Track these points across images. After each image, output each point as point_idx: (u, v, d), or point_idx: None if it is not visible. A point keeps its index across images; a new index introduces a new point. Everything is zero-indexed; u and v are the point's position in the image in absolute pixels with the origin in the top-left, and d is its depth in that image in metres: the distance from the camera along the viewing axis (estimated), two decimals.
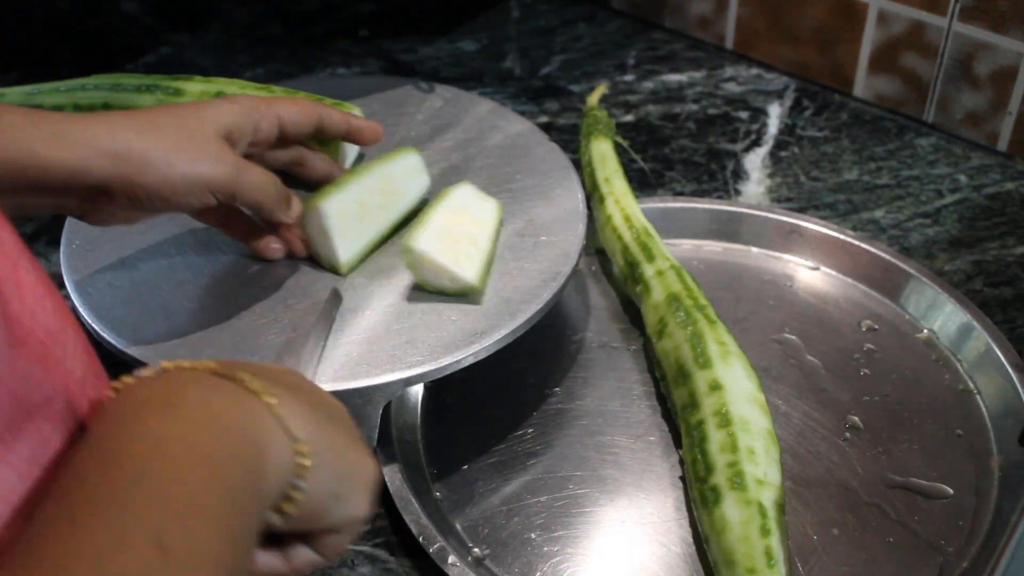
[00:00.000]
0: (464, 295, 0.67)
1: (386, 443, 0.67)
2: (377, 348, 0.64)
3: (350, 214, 0.68)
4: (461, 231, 0.68)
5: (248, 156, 0.64)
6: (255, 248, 0.69)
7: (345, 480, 0.43)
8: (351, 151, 0.78)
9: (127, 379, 0.39)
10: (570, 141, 0.96)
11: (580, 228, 0.73)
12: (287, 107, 0.67)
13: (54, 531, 0.32)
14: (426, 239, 0.66)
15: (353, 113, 0.73)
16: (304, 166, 0.72)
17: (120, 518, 0.32)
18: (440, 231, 0.67)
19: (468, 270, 0.66)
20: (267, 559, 0.44)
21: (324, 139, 0.73)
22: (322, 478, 0.41)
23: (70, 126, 0.55)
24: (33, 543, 0.32)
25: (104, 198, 0.57)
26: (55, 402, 0.38)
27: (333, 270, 0.69)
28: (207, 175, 0.58)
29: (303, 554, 0.45)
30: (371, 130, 0.72)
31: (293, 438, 0.40)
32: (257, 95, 0.66)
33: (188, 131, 0.58)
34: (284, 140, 0.68)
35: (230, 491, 0.35)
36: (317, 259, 0.69)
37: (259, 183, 0.61)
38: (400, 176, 0.72)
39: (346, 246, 0.68)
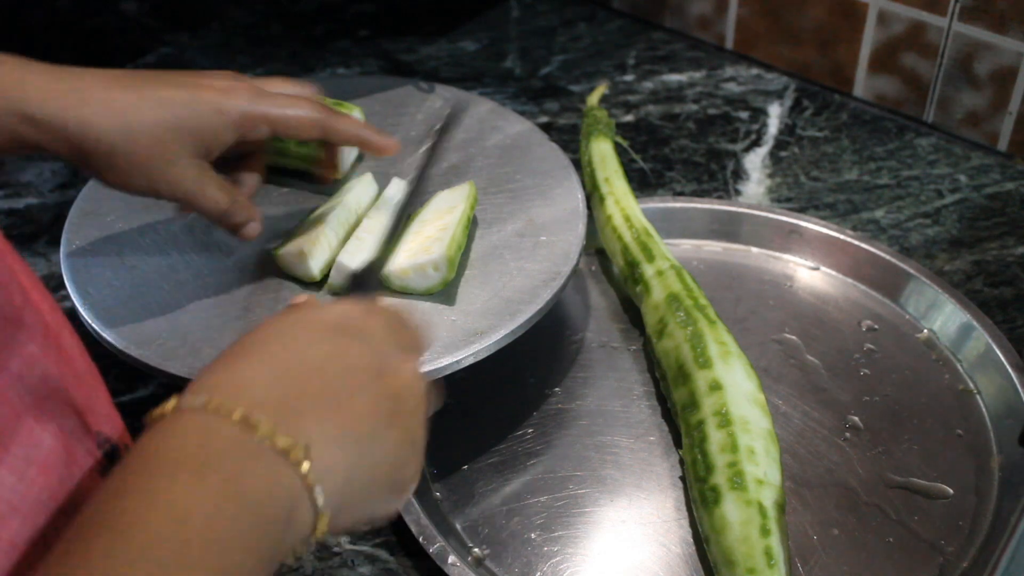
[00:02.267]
0: (451, 275, 0.68)
1: None
2: None
3: (319, 245, 0.69)
4: (426, 234, 0.70)
5: (247, 153, 0.66)
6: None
7: (368, 514, 0.44)
8: (349, 153, 0.78)
9: (167, 409, 0.38)
10: (570, 141, 0.96)
11: (580, 228, 0.73)
12: (286, 121, 0.64)
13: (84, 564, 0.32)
14: (393, 262, 0.68)
15: (361, 121, 0.70)
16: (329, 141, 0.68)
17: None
18: (404, 250, 0.69)
19: (438, 249, 0.67)
20: None
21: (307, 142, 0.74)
22: (341, 524, 0.41)
23: (44, 109, 0.56)
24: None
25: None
26: (51, 400, 0.38)
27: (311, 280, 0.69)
28: (161, 191, 0.61)
29: None
30: (382, 143, 0.68)
31: (317, 509, 0.39)
32: (263, 94, 0.64)
33: (161, 146, 0.59)
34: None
35: (245, 568, 0.35)
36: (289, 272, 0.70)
37: (208, 206, 0.63)
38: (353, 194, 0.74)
39: (318, 265, 0.69)
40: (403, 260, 0.68)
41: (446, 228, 0.70)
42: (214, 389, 0.39)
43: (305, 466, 0.38)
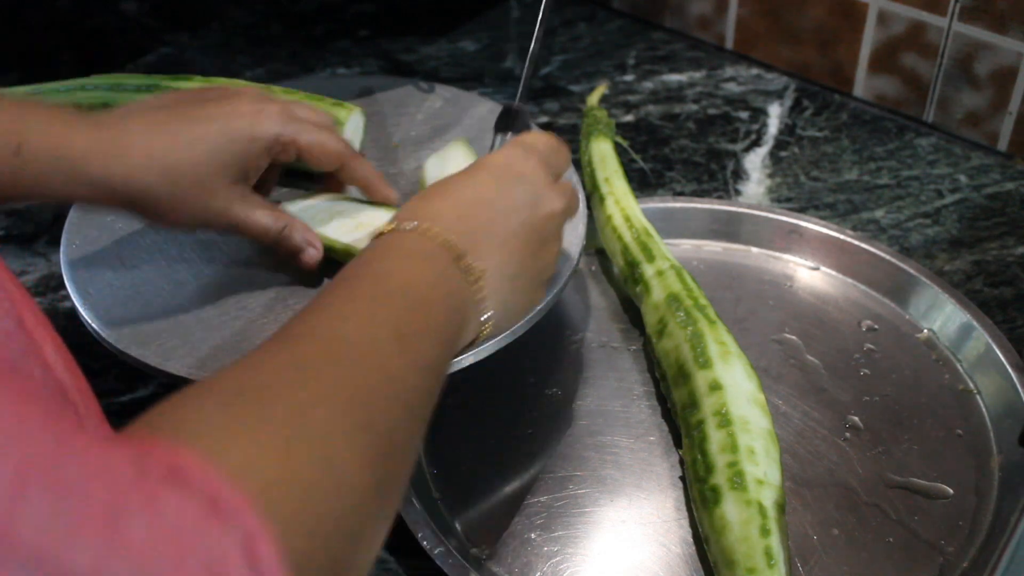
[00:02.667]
0: None
1: None
2: None
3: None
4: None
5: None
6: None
7: (508, 325, 0.61)
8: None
9: (387, 229, 0.55)
10: (570, 141, 0.96)
11: (580, 228, 0.73)
12: (312, 148, 0.66)
13: (329, 303, 0.48)
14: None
15: (372, 166, 0.71)
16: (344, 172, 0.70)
17: (378, 311, 0.48)
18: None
19: None
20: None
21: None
22: (491, 332, 0.59)
23: (89, 165, 0.57)
24: (316, 308, 0.48)
25: None
26: (68, 409, 0.38)
27: None
28: (209, 222, 0.63)
29: None
30: (387, 193, 0.71)
31: (481, 324, 0.57)
32: (293, 117, 0.65)
33: (202, 182, 0.61)
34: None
35: (443, 329, 0.51)
36: None
37: (258, 231, 0.65)
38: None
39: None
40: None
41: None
42: (420, 216, 0.55)
43: (480, 285, 0.55)
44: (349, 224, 0.69)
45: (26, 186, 0.57)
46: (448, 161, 0.76)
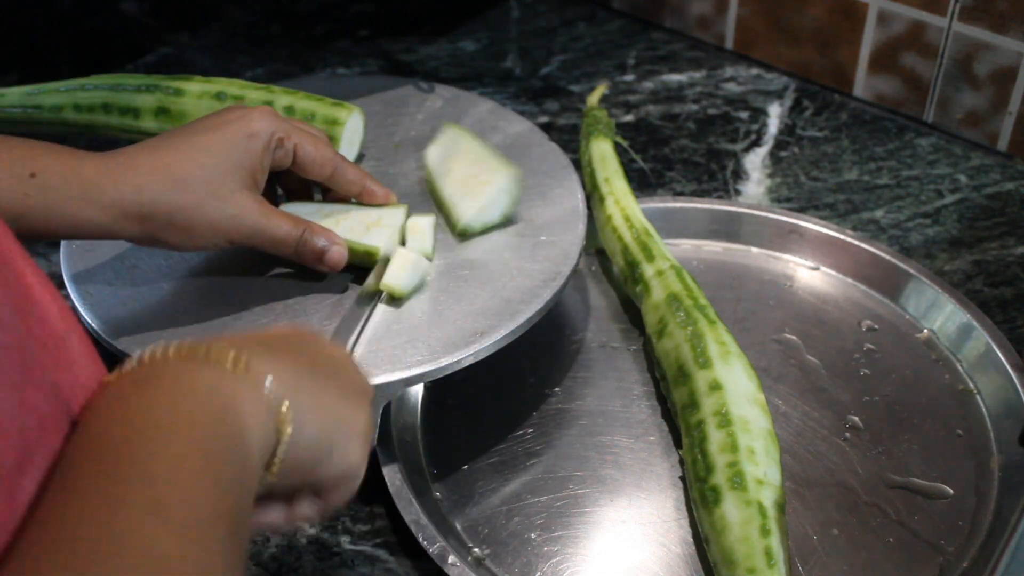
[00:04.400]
0: (519, 194, 0.73)
1: (386, 443, 0.67)
2: (377, 348, 0.64)
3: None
4: (463, 175, 0.73)
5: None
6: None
7: (334, 435, 0.45)
8: (349, 151, 0.78)
9: (109, 377, 0.41)
10: (570, 141, 0.96)
11: (580, 228, 0.73)
12: (305, 147, 0.66)
13: (59, 508, 0.34)
14: (464, 212, 0.71)
15: (365, 172, 0.71)
16: (335, 178, 0.69)
17: (115, 488, 0.34)
18: (463, 197, 0.72)
19: (498, 177, 0.72)
20: (269, 512, 0.47)
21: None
22: (307, 436, 0.43)
23: (101, 186, 0.58)
24: (38, 525, 0.34)
25: None
26: (58, 414, 0.38)
27: None
28: (227, 232, 0.62)
29: (304, 504, 0.47)
30: (385, 196, 0.71)
31: (270, 404, 0.41)
32: (282, 117, 0.66)
33: (212, 187, 0.61)
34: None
35: (212, 452, 0.37)
36: None
37: (279, 237, 0.64)
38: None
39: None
40: (473, 203, 0.71)
41: (480, 161, 0.74)
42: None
43: (242, 364, 0.41)
44: (358, 227, 0.69)
45: (41, 212, 0.57)
46: (452, 147, 0.77)
